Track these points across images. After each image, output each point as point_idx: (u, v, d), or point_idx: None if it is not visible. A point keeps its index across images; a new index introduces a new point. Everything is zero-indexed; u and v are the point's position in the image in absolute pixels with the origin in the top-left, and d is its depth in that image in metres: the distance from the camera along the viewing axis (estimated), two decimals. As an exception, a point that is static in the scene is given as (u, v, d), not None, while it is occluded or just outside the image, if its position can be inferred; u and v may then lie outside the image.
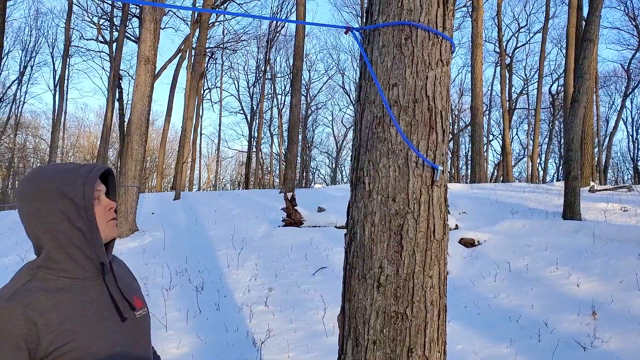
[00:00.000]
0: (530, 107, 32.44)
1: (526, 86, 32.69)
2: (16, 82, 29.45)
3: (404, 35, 1.49)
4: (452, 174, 32.11)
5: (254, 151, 29.92)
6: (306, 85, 34.16)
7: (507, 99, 25.90)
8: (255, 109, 31.47)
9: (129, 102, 21.28)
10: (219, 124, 33.88)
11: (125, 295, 1.16)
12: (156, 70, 11.49)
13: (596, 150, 22.54)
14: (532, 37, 33.80)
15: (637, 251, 5.35)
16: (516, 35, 30.92)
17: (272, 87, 32.61)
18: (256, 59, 32.49)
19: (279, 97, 33.55)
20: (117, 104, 22.04)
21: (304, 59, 17.89)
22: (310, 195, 11.98)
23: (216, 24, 26.63)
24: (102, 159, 21.09)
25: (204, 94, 29.33)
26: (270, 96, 32.81)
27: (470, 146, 24.20)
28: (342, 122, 40.12)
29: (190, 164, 22.65)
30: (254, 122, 30.80)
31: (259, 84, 31.16)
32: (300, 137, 25.56)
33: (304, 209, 8.54)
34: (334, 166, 40.64)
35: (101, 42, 25.64)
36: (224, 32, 34.82)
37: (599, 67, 32.95)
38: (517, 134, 35.88)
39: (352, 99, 35.85)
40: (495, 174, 32.18)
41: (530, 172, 28.87)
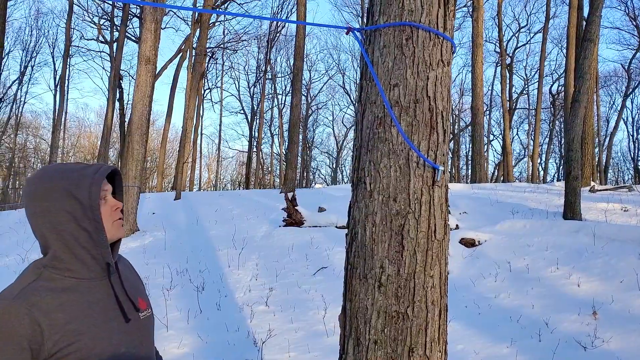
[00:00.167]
0: (530, 107, 32.42)
1: (526, 86, 32.71)
2: (17, 82, 29.52)
3: (405, 35, 1.50)
4: (453, 174, 32.09)
5: (255, 151, 29.94)
6: (307, 85, 34.16)
7: (508, 99, 25.88)
8: (255, 109, 31.49)
9: (130, 102, 21.22)
10: (220, 124, 33.85)
11: (130, 296, 1.16)
12: (157, 70, 11.51)
13: (597, 150, 22.54)
14: (533, 37, 33.72)
15: (637, 251, 5.35)
16: (516, 35, 30.93)
17: (273, 87, 32.63)
18: (257, 59, 32.55)
19: (280, 97, 33.57)
20: (117, 104, 22.08)
21: (305, 59, 17.87)
22: (310, 195, 11.98)
23: (217, 24, 26.66)
24: (103, 159, 21.10)
25: (204, 94, 29.32)
26: (270, 96, 32.83)
27: (470, 146, 24.28)
28: (342, 122, 40.12)
29: (190, 164, 22.66)
30: (255, 122, 30.82)
31: (259, 84, 31.19)
32: (300, 137, 25.57)
33: (304, 209, 8.54)
34: (334, 166, 40.64)
35: (102, 42, 25.67)
36: (224, 32, 34.81)
37: (600, 67, 32.92)
38: (517, 134, 35.89)
39: (352, 99, 35.85)
40: (495, 174, 32.17)
41: (530, 172, 28.88)
